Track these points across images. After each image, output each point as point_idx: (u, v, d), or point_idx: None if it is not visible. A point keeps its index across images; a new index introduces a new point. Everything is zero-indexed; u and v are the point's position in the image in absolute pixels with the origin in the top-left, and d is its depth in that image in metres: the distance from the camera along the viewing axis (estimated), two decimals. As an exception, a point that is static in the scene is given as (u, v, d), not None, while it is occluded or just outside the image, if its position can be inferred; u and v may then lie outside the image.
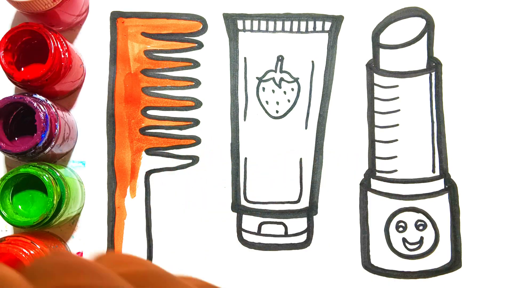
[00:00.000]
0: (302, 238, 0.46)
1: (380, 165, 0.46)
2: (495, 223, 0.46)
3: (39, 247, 0.39)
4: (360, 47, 0.47)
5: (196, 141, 0.47)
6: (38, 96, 0.41)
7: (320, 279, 0.45)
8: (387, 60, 0.47)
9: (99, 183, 0.46)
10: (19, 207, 0.41)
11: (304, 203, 0.46)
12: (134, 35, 0.47)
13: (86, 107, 0.46)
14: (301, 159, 0.47)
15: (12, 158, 0.42)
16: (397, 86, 0.47)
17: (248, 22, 0.47)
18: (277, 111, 0.47)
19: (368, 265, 0.46)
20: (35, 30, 0.40)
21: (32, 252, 0.38)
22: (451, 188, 0.46)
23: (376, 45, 0.47)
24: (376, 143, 0.47)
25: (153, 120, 0.46)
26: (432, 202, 0.46)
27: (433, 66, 0.47)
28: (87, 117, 0.46)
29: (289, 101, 0.47)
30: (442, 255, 0.46)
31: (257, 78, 0.47)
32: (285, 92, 0.47)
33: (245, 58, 0.47)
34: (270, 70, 0.47)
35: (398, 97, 0.47)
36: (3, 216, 0.39)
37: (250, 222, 0.46)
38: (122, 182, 0.46)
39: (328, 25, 0.47)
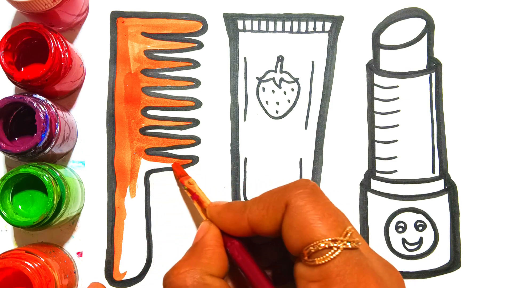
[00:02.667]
0: (302, 238, 0.46)
1: (380, 165, 0.47)
2: (494, 224, 0.46)
3: (38, 256, 0.39)
4: (360, 48, 0.47)
5: (196, 141, 0.47)
6: (38, 96, 0.41)
7: (320, 279, 0.45)
8: (387, 60, 0.47)
9: (99, 183, 0.46)
10: (19, 207, 0.41)
11: (304, 203, 0.46)
12: (134, 35, 0.47)
13: (86, 107, 0.46)
14: (301, 159, 0.47)
15: (12, 158, 0.42)
16: (397, 86, 0.47)
17: (248, 22, 0.47)
18: (277, 111, 0.47)
19: (367, 265, 0.46)
20: (35, 30, 0.40)
21: (36, 264, 0.38)
22: (450, 189, 0.46)
23: (376, 46, 0.47)
24: (376, 143, 0.47)
25: (153, 120, 0.46)
26: (431, 203, 0.46)
27: (433, 66, 0.47)
28: (87, 117, 0.46)
29: (289, 101, 0.47)
30: (441, 256, 0.46)
31: (257, 78, 0.47)
32: (285, 92, 0.47)
33: (245, 58, 0.47)
34: (270, 70, 0.47)
35: (398, 98, 0.47)
36: (3, 216, 0.39)
37: (250, 222, 0.46)
38: (122, 182, 0.46)
39: (328, 25, 0.47)
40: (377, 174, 0.46)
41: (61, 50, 0.41)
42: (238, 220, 0.31)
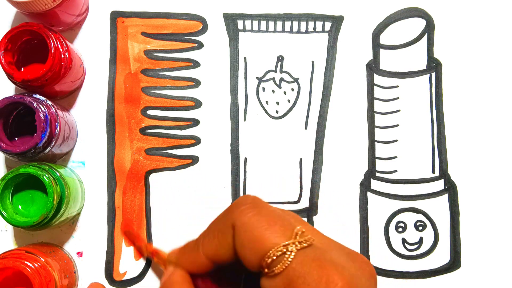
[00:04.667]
0: (302, 238, 0.46)
1: (380, 165, 0.47)
2: (494, 224, 0.46)
3: (38, 256, 0.39)
4: (360, 48, 0.47)
5: (196, 141, 0.47)
6: (38, 96, 0.41)
7: (320, 279, 0.45)
8: (387, 60, 0.47)
9: (99, 183, 0.46)
10: (19, 207, 0.41)
11: (304, 203, 0.46)
12: (134, 35, 0.47)
13: (86, 107, 0.46)
14: (301, 159, 0.47)
15: (12, 158, 0.42)
16: (397, 86, 0.47)
17: (248, 22, 0.47)
18: (277, 111, 0.47)
19: (367, 265, 0.46)
20: (35, 30, 0.40)
21: (36, 265, 0.38)
22: (450, 189, 0.46)
23: (376, 46, 0.47)
24: (376, 143, 0.47)
25: (153, 120, 0.46)
26: (431, 203, 0.46)
27: (433, 66, 0.47)
28: (87, 117, 0.46)
29: (289, 101, 0.47)
30: (441, 256, 0.46)
31: (257, 78, 0.47)
32: (285, 92, 0.47)
33: (245, 58, 0.47)
34: (270, 70, 0.47)
35: (398, 98, 0.47)
36: (3, 216, 0.39)
37: (250, 222, 0.46)
38: (122, 182, 0.46)
39: (328, 25, 0.47)
40: (377, 174, 0.46)
41: (61, 50, 0.41)
42: (195, 258, 0.31)
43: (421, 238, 0.46)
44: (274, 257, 0.27)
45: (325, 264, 0.26)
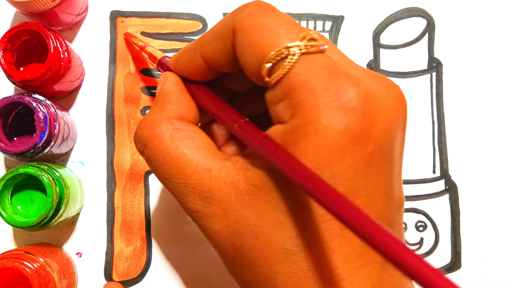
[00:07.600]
0: (302, 238, 0.46)
1: (380, 165, 0.46)
2: (495, 224, 0.46)
3: (37, 257, 0.39)
4: (360, 47, 0.47)
5: (196, 141, 0.46)
6: (37, 96, 0.41)
7: (320, 279, 0.45)
8: (387, 60, 0.47)
9: (99, 183, 0.46)
10: (18, 207, 0.41)
11: (304, 203, 0.46)
12: (134, 34, 0.47)
13: (85, 107, 0.46)
14: (301, 159, 0.47)
15: (11, 158, 0.41)
16: (397, 86, 0.47)
17: (248, 22, 0.47)
18: (277, 111, 0.47)
19: (368, 266, 0.46)
20: (34, 29, 0.40)
21: (35, 265, 0.38)
22: (451, 189, 0.46)
23: (377, 45, 0.47)
24: (376, 143, 0.47)
25: (153, 120, 0.46)
26: (432, 203, 0.46)
27: (434, 66, 0.47)
28: (86, 117, 0.46)
29: (289, 101, 0.47)
30: (442, 256, 0.46)
31: (257, 78, 0.47)
32: (285, 92, 0.47)
33: (245, 58, 0.47)
34: (270, 70, 0.47)
35: (398, 98, 0.47)
36: (2, 216, 0.39)
37: (249, 223, 0.46)
38: (122, 182, 0.46)
39: (328, 25, 0.47)
40: (378, 174, 0.46)
41: (60, 50, 0.41)
42: (192, 58, 0.28)
43: (421, 239, 0.46)
44: (274, 61, 0.23)
45: (337, 72, 0.22)
